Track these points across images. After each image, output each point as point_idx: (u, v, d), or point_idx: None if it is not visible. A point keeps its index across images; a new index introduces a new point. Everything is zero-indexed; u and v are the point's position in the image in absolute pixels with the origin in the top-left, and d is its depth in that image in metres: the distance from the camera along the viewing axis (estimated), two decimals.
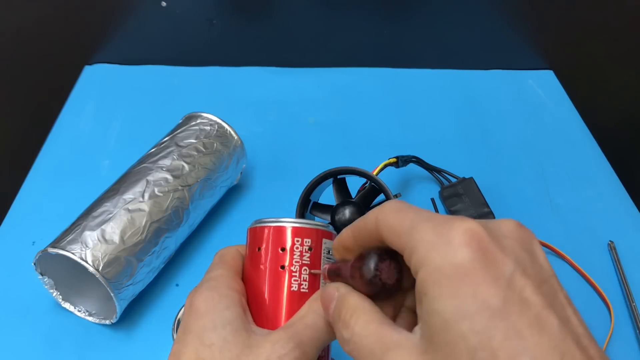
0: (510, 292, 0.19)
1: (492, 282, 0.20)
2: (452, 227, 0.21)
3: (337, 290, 0.26)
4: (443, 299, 0.20)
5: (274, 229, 0.30)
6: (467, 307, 0.19)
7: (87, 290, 0.46)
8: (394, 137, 0.65)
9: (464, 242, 0.20)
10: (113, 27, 0.72)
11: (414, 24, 0.73)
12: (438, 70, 0.76)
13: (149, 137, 0.54)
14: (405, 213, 0.23)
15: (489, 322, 0.19)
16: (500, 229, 0.22)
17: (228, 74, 0.74)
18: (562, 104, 0.73)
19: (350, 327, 0.24)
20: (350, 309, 0.25)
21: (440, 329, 0.20)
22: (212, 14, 0.71)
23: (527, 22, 0.73)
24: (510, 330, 0.19)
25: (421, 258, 0.21)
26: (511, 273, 0.20)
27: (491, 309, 0.19)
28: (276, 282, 0.29)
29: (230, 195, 0.57)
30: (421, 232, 0.21)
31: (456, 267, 0.20)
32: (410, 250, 0.22)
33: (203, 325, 0.27)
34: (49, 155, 0.62)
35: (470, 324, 0.19)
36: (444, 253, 0.20)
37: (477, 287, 0.19)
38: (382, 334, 0.23)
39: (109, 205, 0.44)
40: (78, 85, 0.72)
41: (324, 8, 0.71)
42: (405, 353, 0.22)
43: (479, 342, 0.19)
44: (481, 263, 0.20)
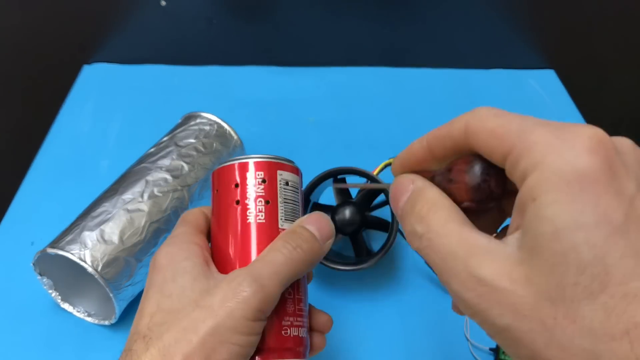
0: (632, 209, 0.18)
1: (615, 195, 0.18)
2: (577, 131, 0.19)
3: (412, 182, 0.24)
4: (558, 206, 0.18)
5: (224, 169, 0.31)
6: (586, 217, 0.17)
7: (86, 290, 0.46)
8: (394, 137, 0.65)
9: (591, 148, 0.18)
10: (112, 27, 0.72)
11: (415, 23, 0.72)
12: (439, 69, 0.76)
13: (148, 136, 0.53)
14: (509, 116, 0.21)
15: (607, 237, 0.17)
16: (622, 145, 0.20)
17: (228, 73, 0.74)
18: (563, 104, 0.72)
19: (427, 221, 0.22)
20: (429, 202, 0.23)
21: (549, 238, 0.18)
22: (212, 13, 0.71)
23: (528, 22, 0.73)
24: (629, 249, 0.17)
25: (535, 161, 0.19)
26: (634, 190, 0.18)
27: (612, 223, 0.17)
28: (232, 217, 0.30)
29: None
30: (536, 134, 0.19)
31: (579, 174, 0.18)
32: (519, 152, 0.19)
33: (163, 278, 0.28)
34: (47, 155, 0.62)
35: (586, 236, 0.17)
36: (566, 156, 0.18)
37: (599, 198, 0.18)
38: (466, 236, 0.21)
39: (108, 206, 0.44)
40: (77, 84, 0.72)
41: (324, 8, 0.71)
42: (498, 260, 0.19)
43: (593, 257, 0.17)
44: (606, 174, 0.18)
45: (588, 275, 0.17)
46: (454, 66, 0.76)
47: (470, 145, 0.22)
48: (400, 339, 0.46)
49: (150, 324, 0.26)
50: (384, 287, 0.50)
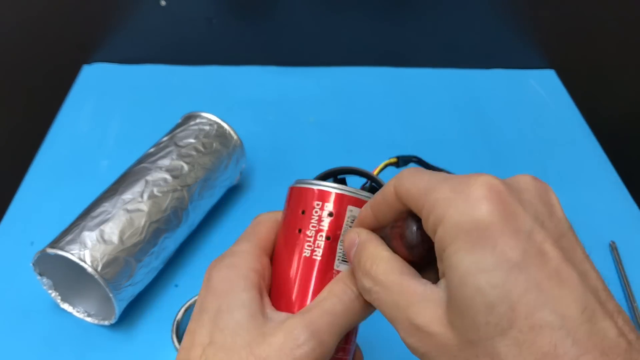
0: (530, 245, 0.19)
1: (511, 235, 0.19)
2: (470, 182, 0.20)
3: (357, 236, 0.26)
4: (461, 254, 0.20)
5: (298, 191, 0.29)
6: (486, 261, 0.19)
7: (86, 290, 0.46)
8: (395, 137, 0.65)
9: (483, 196, 0.20)
10: (112, 26, 0.72)
11: (415, 22, 0.72)
12: (439, 69, 0.76)
13: (148, 136, 0.53)
14: (420, 176, 0.23)
15: (508, 276, 0.18)
16: (518, 183, 0.22)
17: (227, 73, 0.74)
18: (563, 103, 0.72)
19: (371, 275, 0.24)
20: (371, 257, 0.24)
21: (458, 284, 0.20)
22: (212, 13, 0.71)
23: (528, 21, 0.73)
24: (530, 283, 0.18)
25: (439, 216, 0.21)
26: (531, 226, 0.19)
27: (510, 262, 0.19)
28: (291, 245, 0.28)
29: (230, 195, 0.57)
30: (438, 190, 0.21)
31: (475, 222, 0.19)
32: (428, 209, 0.21)
33: (219, 307, 0.26)
34: (47, 155, 0.62)
35: (488, 278, 0.19)
36: (462, 209, 0.20)
37: (496, 241, 0.19)
38: (405, 286, 0.23)
39: (108, 206, 0.44)
40: (76, 84, 0.72)
41: (325, 8, 0.71)
42: (431, 307, 0.21)
43: (497, 296, 0.18)
44: (500, 217, 0.19)
45: (496, 314, 0.19)
46: (454, 66, 0.76)
47: (401, 206, 0.24)
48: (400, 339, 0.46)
49: (204, 356, 0.25)
50: None
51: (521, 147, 0.65)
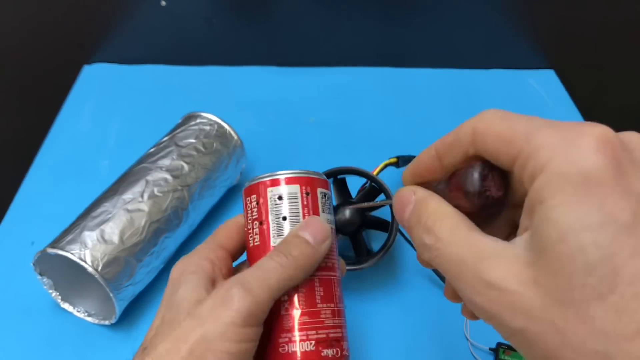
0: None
1: (622, 194, 0.18)
2: (583, 131, 0.19)
3: (413, 193, 0.24)
4: (564, 207, 0.18)
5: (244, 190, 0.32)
6: (592, 218, 0.17)
7: (86, 290, 0.46)
8: (394, 137, 0.65)
9: (597, 148, 0.18)
10: (112, 27, 0.72)
11: (415, 23, 0.73)
12: (438, 69, 0.76)
13: (148, 137, 0.53)
14: (515, 119, 0.21)
15: (615, 237, 0.17)
16: (630, 141, 0.20)
17: (228, 73, 0.74)
18: (563, 104, 0.72)
19: (434, 232, 0.22)
20: (433, 213, 0.23)
21: (555, 240, 0.18)
22: (212, 14, 0.71)
23: (528, 22, 0.73)
24: (637, 248, 0.17)
25: (542, 163, 0.19)
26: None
27: (619, 222, 0.17)
28: (245, 240, 0.31)
29: (230, 195, 0.57)
30: (543, 136, 0.19)
31: (585, 175, 0.18)
32: (526, 155, 0.20)
33: (170, 291, 0.28)
34: (48, 155, 0.62)
35: (593, 237, 0.17)
36: (572, 158, 0.18)
37: (605, 198, 0.18)
38: (474, 241, 0.21)
39: (108, 206, 0.44)
40: (77, 85, 0.72)
41: (324, 8, 0.71)
42: (507, 263, 0.20)
43: (600, 257, 0.17)
44: (613, 173, 0.18)
45: (596, 276, 0.17)
46: (454, 66, 0.76)
47: (478, 150, 0.22)
48: (400, 338, 0.46)
49: (154, 334, 0.27)
50: (384, 287, 0.50)
51: None
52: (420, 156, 0.25)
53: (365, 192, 0.49)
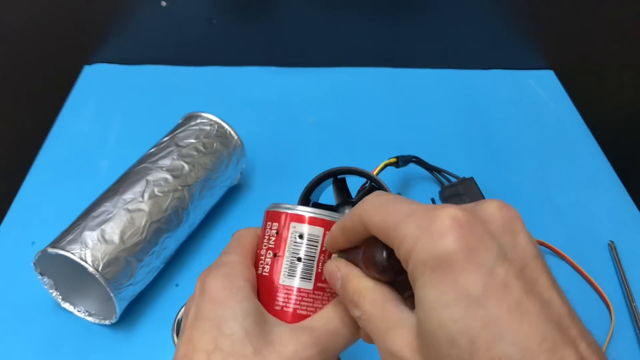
0: (491, 278, 0.20)
1: (473, 270, 0.20)
2: (434, 217, 0.21)
3: (338, 270, 0.27)
4: (426, 289, 0.20)
5: (266, 214, 0.31)
6: (447, 296, 0.20)
7: (86, 290, 0.46)
8: (394, 137, 0.65)
9: (446, 232, 0.20)
10: (113, 27, 0.72)
11: (414, 23, 0.73)
12: (438, 70, 0.76)
13: (148, 137, 0.54)
14: (385, 210, 0.23)
15: (467, 311, 0.19)
16: (484, 212, 0.22)
17: (228, 73, 0.74)
18: (562, 104, 0.72)
19: (359, 306, 0.25)
20: (356, 290, 0.25)
21: (423, 317, 0.21)
22: (212, 14, 0.71)
23: (527, 22, 0.73)
24: (489, 318, 0.19)
25: (407, 252, 0.21)
26: (493, 260, 0.20)
27: (471, 297, 0.19)
28: (255, 265, 0.30)
29: (230, 195, 0.57)
30: (404, 226, 0.22)
31: (439, 258, 0.20)
32: (397, 245, 0.22)
33: (222, 314, 0.26)
34: (48, 155, 0.62)
35: (449, 313, 0.20)
36: (426, 245, 0.21)
37: (457, 276, 0.20)
38: (386, 312, 0.24)
39: (109, 205, 0.44)
40: (77, 85, 0.72)
41: (324, 8, 0.71)
42: (405, 333, 0.22)
43: (457, 330, 0.19)
44: (463, 252, 0.20)
45: (457, 347, 0.19)
46: (454, 66, 0.76)
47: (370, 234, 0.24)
48: None
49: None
50: None
51: (520, 148, 0.65)
52: (331, 232, 0.28)
53: (365, 192, 0.49)
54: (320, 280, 0.29)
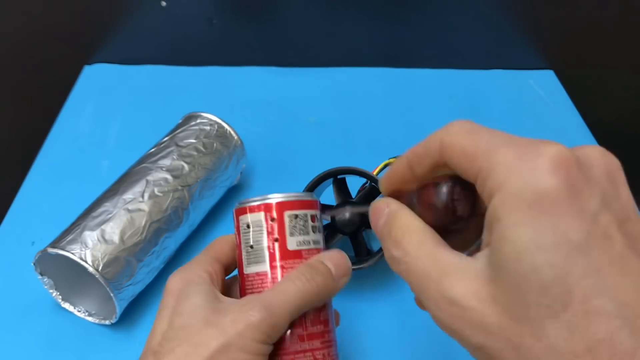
0: (594, 227, 0.18)
1: (576, 214, 0.18)
2: (539, 151, 0.19)
3: (387, 206, 0.25)
4: (519, 228, 0.18)
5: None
6: (546, 238, 0.18)
7: (86, 290, 0.46)
8: (394, 137, 0.65)
9: (551, 168, 0.18)
10: (113, 27, 0.72)
11: (414, 23, 0.73)
12: (438, 70, 0.76)
13: (148, 137, 0.54)
14: (479, 134, 0.21)
15: (568, 257, 0.18)
16: (588, 158, 0.20)
17: (228, 74, 0.74)
18: (562, 104, 0.72)
19: (402, 246, 0.23)
20: (403, 227, 0.24)
21: (511, 260, 0.18)
22: (212, 14, 0.71)
23: (527, 22, 0.73)
24: (590, 268, 0.17)
25: (499, 182, 0.19)
26: (598, 208, 0.18)
27: (572, 243, 0.18)
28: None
29: (230, 195, 0.57)
30: (501, 154, 0.20)
31: (539, 195, 0.18)
32: (486, 173, 0.20)
33: (176, 299, 0.29)
34: (48, 156, 0.62)
35: (546, 257, 0.18)
36: (527, 178, 0.19)
37: (559, 219, 0.18)
38: (439, 257, 0.22)
39: (109, 205, 0.44)
40: (78, 85, 0.72)
41: (324, 8, 0.71)
42: (467, 279, 0.20)
43: (554, 277, 0.18)
44: (567, 193, 0.18)
45: (550, 295, 0.18)
46: (454, 66, 0.76)
47: (446, 163, 0.22)
48: (400, 338, 0.46)
49: (162, 340, 0.27)
50: (384, 287, 0.50)
51: None
52: (394, 165, 0.26)
53: (365, 192, 0.49)
54: (274, 259, 0.30)
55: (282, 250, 0.30)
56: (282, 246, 0.30)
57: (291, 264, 0.30)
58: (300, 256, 0.31)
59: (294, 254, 0.30)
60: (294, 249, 0.31)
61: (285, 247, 0.30)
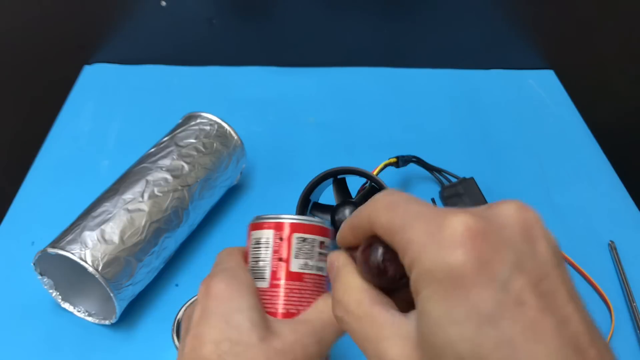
0: (505, 295, 0.18)
1: (486, 285, 0.18)
2: (444, 224, 0.19)
3: (336, 260, 0.26)
4: (433, 302, 0.19)
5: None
6: (456, 312, 0.18)
7: (86, 290, 0.46)
8: (394, 137, 0.65)
9: (457, 242, 0.19)
10: (112, 27, 0.72)
11: (414, 23, 0.73)
12: (438, 70, 0.76)
13: (148, 137, 0.54)
14: (395, 209, 0.22)
15: (479, 329, 0.18)
16: (499, 217, 0.20)
17: (228, 73, 0.74)
18: (562, 104, 0.72)
19: (343, 304, 0.24)
20: (344, 285, 0.24)
21: (429, 332, 0.19)
22: (212, 14, 0.71)
23: (527, 22, 0.73)
24: (501, 338, 0.18)
25: (413, 258, 0.20)
26: (508, 274, 0.18)
27: (482, 315, 0.18)
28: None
29: (230, 195, 0.57)
30: (414, 230, 0.20)
31: (448, 271, 0.19)
32: (402, 250, 0.21)
33: (228, 309, 0.28)
34: (48, 155, 0.62)
35: (459, 330, 0.18)
36: (435, 255, 0.19)
37: (469, 291, 0.18)
38: (375, 316, 0.22)
39: (109, 206, 0.44)
40: (77, 85, 0.72)
41: (324, 8, 0.71)
42: (400, 343, 0.21)
43: (467, 350, 0.18)
44: (475, 265, 0.18)
45: None
46: (454, 66, 0.76)
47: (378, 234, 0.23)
48: None
49: (219, 351, 0.27)
50: None
51: (520, 147, 0.65)
52: (342, 227, 0.26)
53: (365, 192, 0.49)
54: (275, 278, 0.31)
55: (286, 271, 0.31)
56: (287, 267, 0.31)
57: (291, 285, 0.31)
58: (301, 279, 0.31)
59: (296, 276, 0.31)
60: (296, 271, 0.31)
61: (288, 268, 0.31)
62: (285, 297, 0.30)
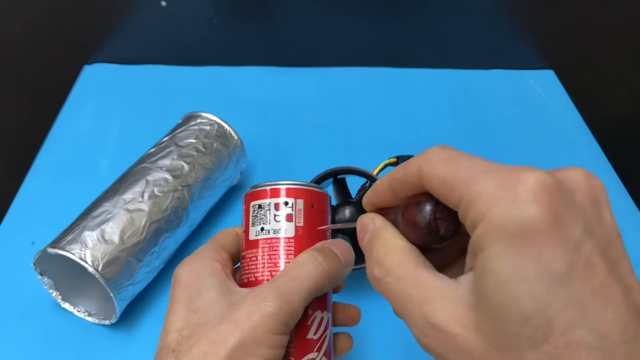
0: (577, 256, 0.18)
1: (559, 244, 0.18)
2: (520, 179, 0.19)
3: (372, 222, 0.25)
4: (501, 258, 0.18)
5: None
6: (527, 270, 0.18)
7: (86, 290, 0.46)
8: (394, 137, 0.65)
9: (533, 197, 0.18)
10: (112, 27, 0.72)
11: (414, 23, 0.73)
12: (438, 70, 0.76)
13: (148, 137, 0.53)
14: (457, 162, 0.21)
15: (549, 288, 0.17)
16: (570, 182, 0.20)
17: (228, 73, 0.74)
18: (562, 104, 0.72)
19: (384, 265, 0.23)
20: (385, 246, 0.23)
21: (493, 290, 0.18)
22: (212, 14, 0.71)
23: (527, 22, 0.73)
24: (571, 299, 0.17)
25: (481, 212, 0.19)
26: (580, 235, 0.18)
27: (554, 274, 0.18)
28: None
29: (230, 195, 0.57)
30: (482, 183, 0.19)
31: (522, 226, 0.18)
32: (467, 203, 0.20)
33: (189, 294, 0.28)
34: (48, 155, 0.62)
35: (528, 288, 0.18)
36: (509, 209, 0.18)
37: (542, 249, 0.18)
38: (421, 279, 0.21)
39: (109, 205, 0.44)
40: (77, 85, 0.72)
41: (324, 8, 0.71)
42: (451, 305, 0.20)
43: (534, 309, 0.17)
44: (550, 223, 0.18)
45: (531, 326, 0.18)
46: (454, 66, 0.76)
47: (427, 189, 0.22)
48: (400, 338, 0.46)
49: (179, 338, 0.27)
50: None
51: (520, 147, 0.65)
52: (376, 186, 0.25)
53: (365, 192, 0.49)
54: (243, 249, 0.31)
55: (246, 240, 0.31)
56: (246, 236, 0.32)
57: (250, 253, 0.31)
58: (257, 245, 0.31)
59: (253, 244, 0.31)
60: (254, 239, 0.31)
61: (247, 238, 0.31)
62: (246, 267, 0.31)
